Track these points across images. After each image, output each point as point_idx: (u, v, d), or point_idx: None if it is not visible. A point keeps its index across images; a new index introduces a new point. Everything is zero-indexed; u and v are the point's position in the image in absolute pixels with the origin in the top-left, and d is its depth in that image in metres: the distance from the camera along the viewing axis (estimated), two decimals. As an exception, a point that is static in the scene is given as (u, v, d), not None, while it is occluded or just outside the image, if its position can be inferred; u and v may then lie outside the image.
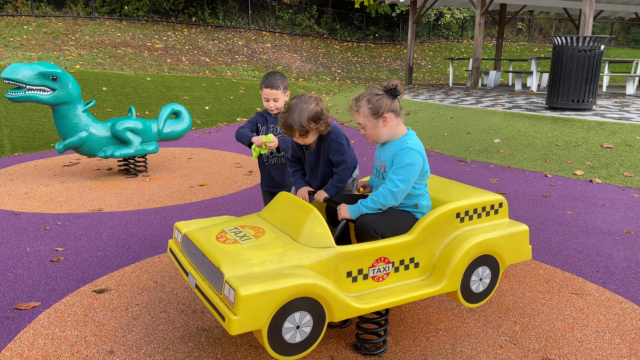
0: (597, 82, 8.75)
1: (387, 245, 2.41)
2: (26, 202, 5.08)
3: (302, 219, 2.40)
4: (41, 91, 5.43)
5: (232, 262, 2.15)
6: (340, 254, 2.29)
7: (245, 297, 1.95)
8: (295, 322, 2.11)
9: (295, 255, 2.23)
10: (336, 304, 2.18)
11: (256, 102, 12.89)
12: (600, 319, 2.93)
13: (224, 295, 2.07)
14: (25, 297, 3.09)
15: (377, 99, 2.51)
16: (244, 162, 7.09)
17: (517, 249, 2.76)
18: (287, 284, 2.04)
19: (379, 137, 2.60)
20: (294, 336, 2.13)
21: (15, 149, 7.62)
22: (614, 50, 28.62)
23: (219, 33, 21.90)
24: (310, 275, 2.14)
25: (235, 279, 2.04)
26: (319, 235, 2.32)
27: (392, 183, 2.46)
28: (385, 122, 2.53)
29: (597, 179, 6.11)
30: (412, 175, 2.47)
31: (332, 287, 2.17)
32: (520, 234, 2.77)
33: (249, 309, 1.97)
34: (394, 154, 2.53)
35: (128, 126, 5.95)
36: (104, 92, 11.22)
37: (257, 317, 2.00)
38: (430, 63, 24.77)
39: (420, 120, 10.06)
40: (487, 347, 2.63)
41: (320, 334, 2.20)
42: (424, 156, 2.55)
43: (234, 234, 2.42)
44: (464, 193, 2.79)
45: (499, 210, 2.80)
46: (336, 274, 2.29)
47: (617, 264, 3.71)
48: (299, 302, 2.09)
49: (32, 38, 16.02)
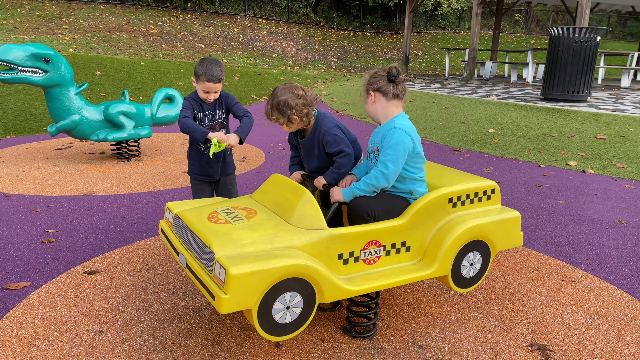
0: (592, 74, 8.76)
1: (379, 228, 2.41)
2: (17, 184, 5.04)
3: (294, 200, 2.40)
4: (33, 73, 5.37)
5: (224, 242, 2.14)
6: (331, 236, 2.29)
7: (235, 276, 1.95)
8: (285, 302, 2.11)
9: (287, 236, 2.23)
10: (327, 285, 2.18)
11: (251, 89, 12.82)
12: (589, 305, 2.95)
13: (214, 275, 2.06)
14: (15, 278, 3.08)
15: (375, 77, 2.61)
16: (237, 148, 7.06)
17: (508, 235, 2.77)
18: (277, 264, 2.03)
19: (368, 113, 2.71)
20: (284, 316, 2.13)
21: (7, 132, 7.55)
22: (610, 43, 28.63)
23: (214, 19, 21.71)
24: (301, 256, 2.14)
25: (226, 259, 2.03)
26: (310, 217, 2.31)
27: (382, 165, 2.48)
28: (372, 100, 2.62)
29: (590, 170, 6.14)
30: (401, 154, 2.47)
31: (322, 269, 2.17)
32: (512, 220, 2.77)
33: (239, 288, 1.97)
34: (382, 135, 2.56)
35: (121, 110, 5.90)
36: (97, 76, 11.12)
37: (247, 296, 1.99)
38: (426, 53, 24.69)
39: (415, 109, 10.04)
40: (476, 331, 2.65)
41: (311, 315, 2.21)
42: (412, 136, 2.54)
43: (226, 215, 2.41)
44: (457, 178, 2.79)
45: (492, 197, 2.80)
46: (327, 256, 2.29)
47: (607, 252, 3.73)
48: (289, 282, 2.09)
49: (25, 21, 15.83)
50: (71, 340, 2.45)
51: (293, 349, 2.44)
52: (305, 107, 2.73)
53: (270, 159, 6.53)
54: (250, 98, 12.03)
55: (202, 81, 3.14)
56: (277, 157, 6.65)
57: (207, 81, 3.13)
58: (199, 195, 3.48)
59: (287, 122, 2.75)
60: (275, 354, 2.39)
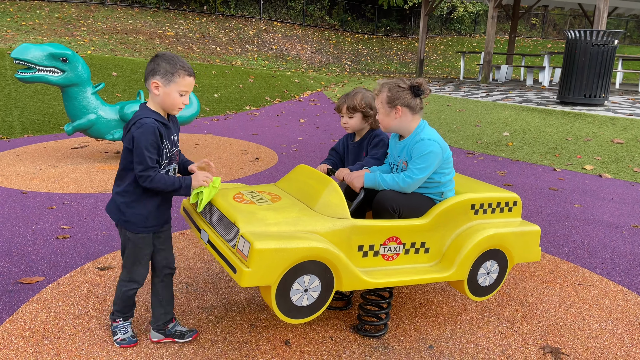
0: (609, 77, 8.65)
1: (401, 225, 2.43)
2: (34, 182, 5.12)
3: (319, 189, 2.43)
4: (51, 72, 5.45)
5: (249, 219, 2.18)
6: (354, 226, 2.31)
7: (259, 250, 1.98)
8: (304, 284, 2.14)
9: (311, 221, 2.25)
10: (346, 273, 2.20)
11: (265, 91, 12.87)
12: (604, 309, 2.91)
13: (237, 249, 2.10)
14: (30, 272, 3.12)
15: (397, 90, 2.56)
16: (250, 149, 7.09)
17: (526, 248, 2.75)
18: (300, 244, 2.06)
19: (387, 126, 2.65)
20: (302, 299, 2.15)
21: (25, 131, 7.66)
22: (628, 48, 28.23)
23: (230, 22, 21.86)
24: (323, 241, 2.16)
25: (251, 234, 2.07)
26: (335, 205, 2.34)
27: (412, 172, 2.51)
28: (397, 114, 2.57)
29: (606, 174, 6.05)
30: (432, 163, 2.50)
31: (343, 256, 2.19)
32: (532, 234, 2.75)
33: (262, 263, 2.00)
34: (410, 148, 2.57)
35: (136, 110, 5.96)
36: (114, 77, 11.25)
37: (268, 272, 2.02)
38: (441, 57, 24.58)
39: (429, 112, 10.00)
40: (488, 333, 2.62)
41: (327, 300, 2.22)
42: (441, 143, 2.56)
43: (251, 197, 2.46)
44: (481, 188, 2.80)
45: (513, 209, 2.78)
46: (348, 246, 2.31)
47: (623, 257, 3.67)
48: (310, 265, 2.12)
49: (44, 23, 16.09)
50: (83, 334, 2.47)
51: (302, 346, 2.43)
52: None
53: (282, 159, 6.54)
54: (264, 100, 12.08)
55: (181, 77, 2.22)
56: (290, 158, 6.66)
57: (188, 75, 2.24)
58: (146, 259, 2.37)
59: (360, 115, 2.90)
60: (285, 351, 2.39)
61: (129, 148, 2.18)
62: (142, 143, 2.13)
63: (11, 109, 8.52)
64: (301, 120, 9.89)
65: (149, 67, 2.23)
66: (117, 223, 2.33)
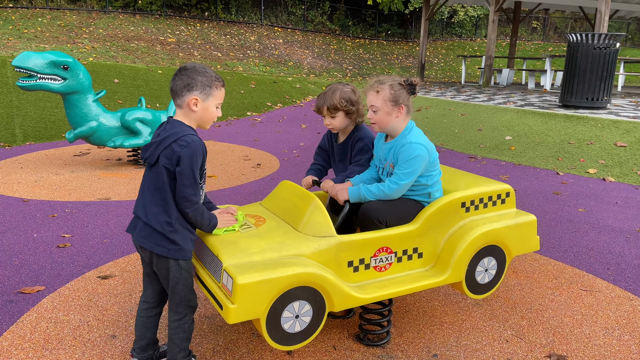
0: (612, 81, 8.62)
1: (389, 234, 2.38)
2: (35, 189, 5.11)
3: (303, 207, 2.37)
4: (52, 80, 5.44)
5: (231, 251, 2.12)
6: (340, 243, 2.26)
7: (242, 285, 1.93)
8: (294, 311, 2.08)
9: (295, 244, 2.20)
10: (336, 294, 2.14)
11: (267, 97, 12.87)
12: (610, 316, 2.87)
13: (222, 284, 2.04)
14: (30, 282, 3.10)
15: (399, 88, 2.52)
16: (252, 155, 7.07)
17: (524, 240, 2.71)
18: (285, 272, 2.00)
19: (387, 125, 2.57)
20: (293, 325, 2.10)
21: (27, 138, 7.67)
22: (630, 50, 28.20)
23: (231, 28, 21.92)
24: (309, 264, 2.11)
25: (234, 268, 2.01)
26: (319, 224, 2.28)
27: (397, 177, 2.46)
28: (399, 113, 2.53)
29: (610, 178, 6.01)
30: (418, 167, 2.45)
31: (332, 277, 2.13)
32: (528, 224, 2.71)
33: (247, 297, 1.94)
34: (397, 151, 2.52)
35: (138, 116, 5.96)
36: (115, 83, 11.27)
37: (255, 306, 1.97)
38: (442, 61, 24.59)
39: (431, 116, 9.98)
40: (493, 340, 2.59)
41: (320, 323, 2.17)
42: (428, 146, 2.51)
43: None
44: (470, 182, 2.74)
45: (506, 200, 2.75)
46: (337, 264, 2.25)
47: (629, 262, 3.64)
48: (298, 291, 2.06)
49: (46, 30, 16.14)
50: (84, 345, 2.44)
51: (305, 356, 2.40)
52: (358, 104, 2.78)
53: (284, 165, 6.52)
54: (266, 105, 12.07)
55: (218, 89, 2.11)
56: (292, 163, 6.64)
57: (222, 86, 2.15)
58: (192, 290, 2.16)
59: (342, 113, 2.75)
60: (287, 361, 2.36)
61: (167, 167, 1.99)
62: (193, 165, 1.98)
63: (13, 116, 8.53)
64: (303, 126, 9.88)
65: (182, 81, 2.05)
66: (161, 255, 2.03)
